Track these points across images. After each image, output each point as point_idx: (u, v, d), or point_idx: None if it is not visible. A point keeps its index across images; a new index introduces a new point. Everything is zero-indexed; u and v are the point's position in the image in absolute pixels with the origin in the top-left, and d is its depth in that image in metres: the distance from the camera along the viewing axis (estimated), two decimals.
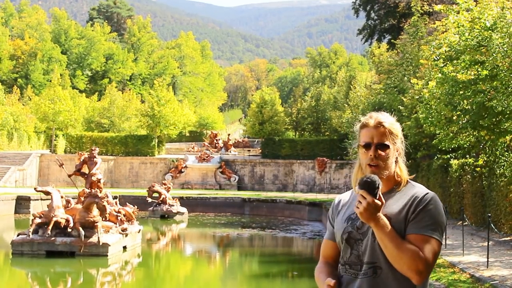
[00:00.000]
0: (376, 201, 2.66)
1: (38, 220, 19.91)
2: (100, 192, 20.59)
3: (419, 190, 2.79)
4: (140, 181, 47.08)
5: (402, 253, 2.62)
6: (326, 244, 3.00)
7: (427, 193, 2.75)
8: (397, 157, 2.86)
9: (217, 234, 30.50)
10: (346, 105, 46.16)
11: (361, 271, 2.77)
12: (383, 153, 2.81)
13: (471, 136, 16.04)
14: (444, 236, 15.53)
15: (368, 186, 2.68)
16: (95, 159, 23.53)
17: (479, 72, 14.03)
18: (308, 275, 20.03)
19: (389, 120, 2.87)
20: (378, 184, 2.68)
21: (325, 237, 3.04)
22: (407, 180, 2.85)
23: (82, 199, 20.64)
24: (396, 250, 2.63)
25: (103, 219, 20.25)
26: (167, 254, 25.96)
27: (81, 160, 23.78)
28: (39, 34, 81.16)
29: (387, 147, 2.82)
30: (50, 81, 61.50)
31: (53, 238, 19.70)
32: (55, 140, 48.94)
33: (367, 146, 2.83)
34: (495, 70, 13.79)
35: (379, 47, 39.96)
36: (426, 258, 2.62)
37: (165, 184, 35.64)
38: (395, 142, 2.85)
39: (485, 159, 18.09)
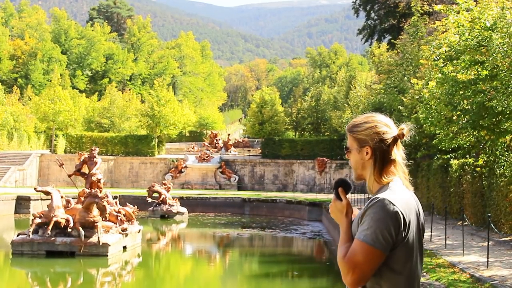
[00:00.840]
0: (336, 201, 2.71)
1: (38, 220, 19.92)
2: (100, 192, 20.60)
3: (382, 194, 2.59)
4: (140, 181, 47.09)
5: (338, 253, 2.64)
6: None
7: (376, 197, 2.58)
8: (369, 160, 2.70)
9: (217, 234, 30.50)
10: (346, 105, 46.16)
11: None
12: (348, 157, 2.81)
13: (471, 136, 16.04)
14: (444, 237, 15.56)
15: (333, 188, 2.75)
16: (95, 159, 23.54)
17: (479, 72, 14.03)
18: (308, 275, 20.03)
19: (353, 123, 2.78)
20: (339, 185, 2.71)
21: None
22: (388, 183, 2.65)
23: (82, 199, 20.66)
24: (337, 250, 2.66)
25: (103, 219, 20.25)
26: (167, 254, 25.96)
27: (81, 160, 23.79)
28: (39, 34, 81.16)
29: (348, 150, 2.79)
30: (50, 81, 61.47)
31: (53, 238, 19.71)
32: (55, 140, 48.93)
33: None
34: (495, 70, 13.79)
35: (379, 47, 39.95)
36: (347, 263, 2.55)
37: (165, 184, 35.64)
38: (359, 145, 2.73)
39: (485, 159, 18.07)
